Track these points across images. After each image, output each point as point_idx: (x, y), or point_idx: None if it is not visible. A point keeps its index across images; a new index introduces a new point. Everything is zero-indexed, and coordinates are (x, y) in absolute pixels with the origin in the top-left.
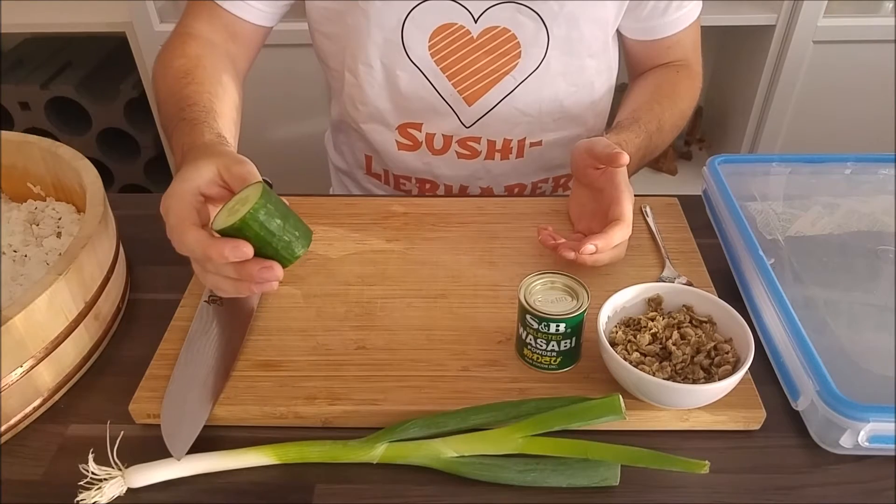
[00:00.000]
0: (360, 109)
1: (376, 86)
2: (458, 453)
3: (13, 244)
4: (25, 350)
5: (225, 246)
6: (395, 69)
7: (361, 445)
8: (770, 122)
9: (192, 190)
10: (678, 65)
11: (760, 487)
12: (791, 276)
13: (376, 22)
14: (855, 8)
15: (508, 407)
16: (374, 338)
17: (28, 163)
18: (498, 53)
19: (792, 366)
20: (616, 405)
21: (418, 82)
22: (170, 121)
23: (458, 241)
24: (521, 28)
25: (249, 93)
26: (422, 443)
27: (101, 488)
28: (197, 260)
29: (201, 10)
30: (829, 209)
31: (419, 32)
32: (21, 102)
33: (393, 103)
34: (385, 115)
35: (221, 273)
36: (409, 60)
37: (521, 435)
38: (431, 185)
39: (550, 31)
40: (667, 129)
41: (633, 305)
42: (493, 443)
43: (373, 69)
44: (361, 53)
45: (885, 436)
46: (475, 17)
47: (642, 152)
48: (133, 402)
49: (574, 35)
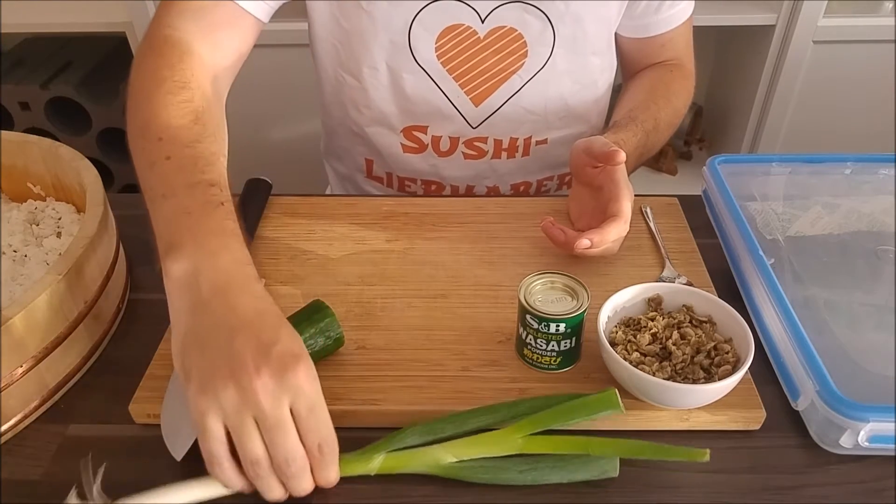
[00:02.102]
0: (364, 113)
1: (381, 89)
2: (458, 458)
3: (13, 244)
4: (25, 350)
5: (332, 469)
6: (401, 72)
7: (358, 458)
8: (770, 122)
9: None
10: (671, 64)
11: (760, 487)
12: (791, 276)
13: (382, 24)
14: (855, 8)
15: (506, 408)
16: (374, 338)
17: (28, 163)
18: (505, 53)
19: (792, 366)
20: (613, 399)
21: (424, 84)
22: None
23: (458, 241)
24: (527, 27)
25: (248, 92)
26: (420, 450)
27: None
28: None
29: (187, 6)
30: (829, 209)
31: (426, 34)
32: (21, 102)
33: (398, 106)
34: (390, 119)
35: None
36: (415, 63)
37: (520, 435)
38: (437, 187)
39: (556, 30)
40: (663, 128)
41: (633, 305)
42: (492, 445)
43: (378, 72)
44: (366, 56)
45: (885, 436)
46: (482, 18)
47: (640, 151)
48: (133, 402)
49: (579, 34)
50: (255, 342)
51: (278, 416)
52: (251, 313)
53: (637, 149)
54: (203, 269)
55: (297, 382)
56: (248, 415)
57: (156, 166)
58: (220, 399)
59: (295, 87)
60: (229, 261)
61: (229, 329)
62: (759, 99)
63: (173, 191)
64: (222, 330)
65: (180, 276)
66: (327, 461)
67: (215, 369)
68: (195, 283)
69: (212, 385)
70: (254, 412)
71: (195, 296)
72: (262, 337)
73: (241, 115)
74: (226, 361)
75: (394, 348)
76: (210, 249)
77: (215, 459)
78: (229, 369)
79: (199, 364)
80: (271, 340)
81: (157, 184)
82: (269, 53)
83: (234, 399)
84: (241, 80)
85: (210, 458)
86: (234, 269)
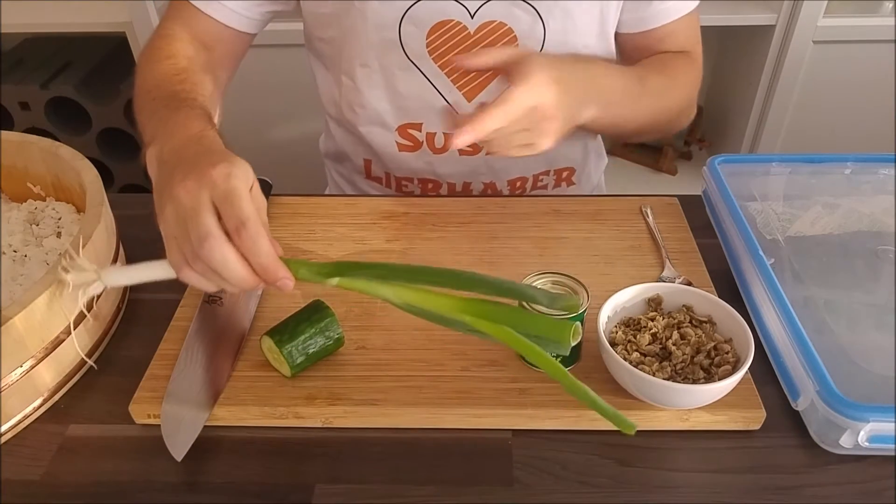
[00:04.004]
0: (359, 112)
1: (374, 87)
2: (406, 303)
3: (13, 244)
4: (25, 350)
5: (280, 268)
6: (394, 69)
7: (317, 269)
8: (770, 122)
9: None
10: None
11: (760, 487)
12: (791, 276)
13: (373, 22)
14: (855, 8)
15: (456, 277)
16: (374, 338)
17: (28, 163)
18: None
19: (792, 366)
20: (566, 331)
21: (417, 82)
22: (161, 100)
23: (458, 241)
24: (517, 22)
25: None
26: (374, 283)
27: (85, 291)
28: (211, 235)
29: (180, 14)
30: (829, 209)
31: (416, 30)
32: (21, 102)
33: (392, 104)
34: (384, 117)
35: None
36: (407, 60)
37: (466, 314)
38: (434, 185)
39: (546, 23)
40: (655, 90)
41: (633, 305)
42: (438, 306)
43: (371, 70)
44: (359, 55)
45: (885, 436)
46: (471, 13)
47: (624, 82)
48: (133, 402)
49: (569, 26)
50: (194, 168)
51: (193, 205)
52: (196, 155)
53: (621, 76)
54: (165, 144)
55: (212, 179)
56: (181, 219)
57: (145, 107)
58: (163, 213)
59: (295, 87)
60: (184, 134)
61: (173, 169)
62: (759, 99)
63: (154, 112)
64: (173, 170)
65: (151, 156)
66: (250, 243)
67: (163, 201)
68: (159, 152)
69: (160, 207)
70: (182, 214)
71: (159, 159)
72: (201, 162)
73: (241, 115)
74: (168, 191)
75: (394, 348)
76: (170, 132)
77: (177, 267)
78: (169, 188)
79: (158, 205)
80: (208, 163)
81: (145, 118)
82: (269, 53)
83: (170, 211)
84: (241, 80)
85: (174, 267)
86: (187, 134)
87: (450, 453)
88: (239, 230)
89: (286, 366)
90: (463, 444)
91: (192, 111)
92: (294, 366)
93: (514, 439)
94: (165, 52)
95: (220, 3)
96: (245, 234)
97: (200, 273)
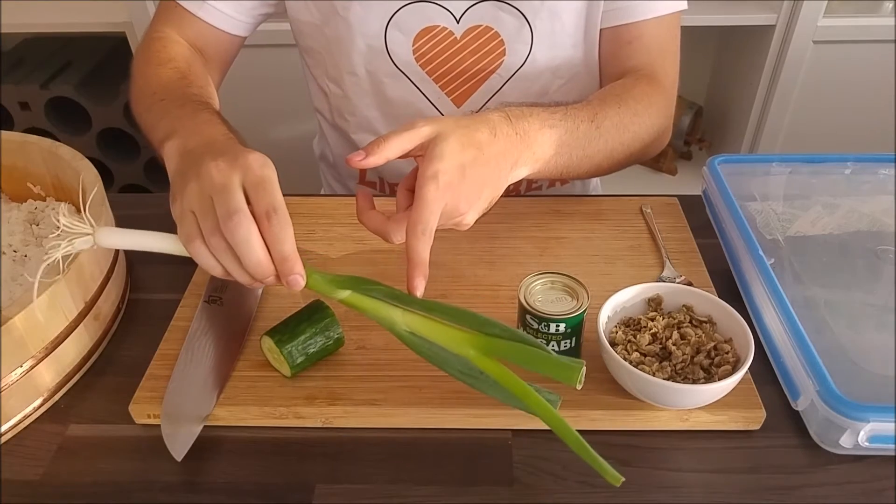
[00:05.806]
0: (349, 120)
1: (363, 94)
2: (410, 329)
3: (13, 244)
4: (25, 350)
5: (298, 263)
6: (381, 76)
7: (329, 280)
8: (770, 122)
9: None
10: (641, 74)
11: (760, 487)
12: (791, 276)
13: (358, 29)
14: (855, 8)
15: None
16: (374, 338)
17: (28, 163)
18: (482, 53)
19: (792, 366)
20: (574, 372)
21: (405, 88)
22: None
23: (458, 241)
24: (503, 25)
25: (244, 92)
26: (383, 303)
27: (72, 241)
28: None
29: (170, 16)
30: (829, 209)
31: (402, 37)
32: (21, 102)
33: (380, 111)
34: (374, 124)
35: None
36: (394, 66)
37: (472, 346)
38: None
39: (533, 25)
40: (611, 129)
41: (633, 305)
42: (445, 338)
43: (358, 78)
44: (346, 63)
45: (885, 436)
46: (457, 18)
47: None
48: (133, 402)
49: (557, 27)
50: (227, 152)
51: (224, 182)
52: (228, 146)
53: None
54: (188, 137)
55: (247, 163)
56: (206, 194)
57: (153, 108)
58: (184, 191)
59: (289, 86)
60: (211, 132)
61: (202, 155)
62: (759, 99)
63: (168, 112)
64: (202, 156)
65: (172, 148)
66: (278, 229)
67: (187, 179)
68: (183, 145)
69: (181, 186)
70: (208, 190)
71: (182, 150)
72: (236, 148)
73: (237, 115)
74: (195, 171)
75: (394, 348)
76: (194, 130)
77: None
78: (196, 168)
79: (180, 184)
80: (243, 151)
81: (155, 119)
82: (263, 53)
83: (194, 186)
84: (238, 80)
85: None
86: (214, 133)
87: (450, 453)
88: (270, 215)
89: (286, 366)
90: (463, 444)
91: (214, 116)
92: (294, 366)
93: (514, 439)
94: (164, 56)
95: (210, 6)
96: (275, 219)
97: (213, 250)
